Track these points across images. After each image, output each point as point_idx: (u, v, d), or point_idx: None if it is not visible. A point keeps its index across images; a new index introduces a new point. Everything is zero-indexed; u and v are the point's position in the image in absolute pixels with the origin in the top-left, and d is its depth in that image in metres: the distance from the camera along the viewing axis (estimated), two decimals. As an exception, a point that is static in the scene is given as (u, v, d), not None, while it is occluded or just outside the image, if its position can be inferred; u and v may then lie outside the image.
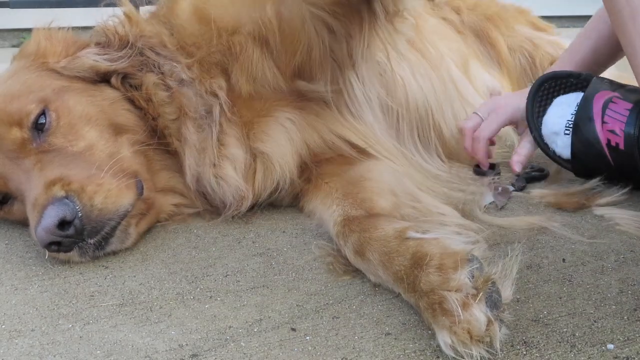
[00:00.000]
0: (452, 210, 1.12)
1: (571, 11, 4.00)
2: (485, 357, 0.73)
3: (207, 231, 1.20)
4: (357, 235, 0.97)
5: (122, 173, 1.09)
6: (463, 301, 0.74)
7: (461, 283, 0.76)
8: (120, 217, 1.08)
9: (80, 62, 1.20)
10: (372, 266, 0.93)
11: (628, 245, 1.03)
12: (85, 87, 1.19)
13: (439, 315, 0.76)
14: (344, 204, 1.10)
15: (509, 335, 0.77)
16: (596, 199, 1.19)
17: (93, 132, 1.14)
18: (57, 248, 1.03)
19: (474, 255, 0.81)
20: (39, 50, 1.22)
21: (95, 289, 0.99)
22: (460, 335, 0.72)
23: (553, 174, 1.34)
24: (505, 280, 0.79)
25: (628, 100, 1.15)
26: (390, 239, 0.92)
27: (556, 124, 1.26)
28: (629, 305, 0.84)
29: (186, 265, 1.06)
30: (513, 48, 1.79)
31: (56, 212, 1.00)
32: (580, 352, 0.75)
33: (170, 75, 1.19)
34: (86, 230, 1.03)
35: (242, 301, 0.93)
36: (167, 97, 1.19)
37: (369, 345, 0.79)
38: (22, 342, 0.85)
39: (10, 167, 1.11)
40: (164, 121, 1.20)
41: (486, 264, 0.81)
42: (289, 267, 1.03)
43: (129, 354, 0.81)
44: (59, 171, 1.06)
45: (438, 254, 0.82)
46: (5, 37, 3.67)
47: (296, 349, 0.80)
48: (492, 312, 0.74)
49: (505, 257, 0.83)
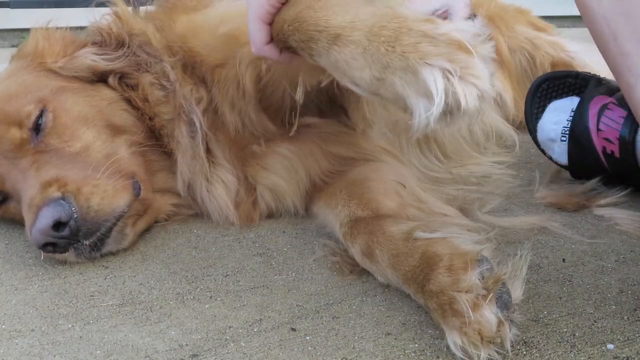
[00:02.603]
0: (455, 210, 1.12)
1: (571, 11, 3.99)
2: (495, 358, 0.73)
3: (207, 231, 1.20)
4: (365, 236, 0.97)
5: (119, 174, 1.09)
6: (473, 302, 0.74)
7: (471, 284, 0.76)
8: (116, 218, 1.08)
9: (78, 62, 1.20)
10: (380, 267, 0.92)
11: (628, 245, 1.03)
12: (83, 87, 1.19)
13: (449, 316, 0.75)
14: (350, 205, 1.09)
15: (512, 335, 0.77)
16: (596, 200, 1.19)
17: (90, 132, 1.13)
18: (53, 249, 1.03)
19: (484, 255, 0.80)
20: (37, 50, 1.22)
21: (95, 289, 0.99)
22: (471, 336, 0.72)
23: (553, 174, 1.34)
24: (515, 280, 0.79)
25: (624, 107, 1.15)
26: (398, 239, 0.91)
27: (552, 131, 1.26)
28: (629, 305, 0.84)
29: (186, 265, 1.06)
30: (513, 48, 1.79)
31: (51, 213, 1.00)
32: (580, 352, 0.75)
33: (163, 75, 1.19)
34: (81, 231, 1.03)
35: (242, 301, 0.93)
36: (162, 96, 1.19)
37: (369, 345, 0.79)
38: (22, 342, 0.85)
39: (7, 167, 1.11)
40: (160, 121, 1.20)
41: (496, 264, 0.81)
42: (289, 267, 1.03)
43: (129, 354, 0.81)
44: (55, 172, 1.06)
45: (447, 255, 0.82)
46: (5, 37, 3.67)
47: (296, 349, 0.80)
48: (502, 312, 0.74)
49: (514, 257, 0.82)
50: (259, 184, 1.21)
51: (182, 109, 1.18)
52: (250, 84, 1.12)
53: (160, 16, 1.28)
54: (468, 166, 1.39)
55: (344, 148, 1.23)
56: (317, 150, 1.21)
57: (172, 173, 1.22)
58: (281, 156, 1.20)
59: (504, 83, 1.72)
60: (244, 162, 1.21)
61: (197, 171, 1.18)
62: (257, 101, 1.15)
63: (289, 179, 1.20)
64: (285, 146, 1.20)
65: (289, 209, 1.23)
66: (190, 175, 1.19)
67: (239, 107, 1.17)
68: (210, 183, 1.19)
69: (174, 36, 1.23)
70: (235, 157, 1.21)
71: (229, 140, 1.20)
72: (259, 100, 1.15)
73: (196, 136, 1.18)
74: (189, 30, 1.23)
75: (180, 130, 1.18)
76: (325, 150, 1.22)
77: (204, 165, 1.18)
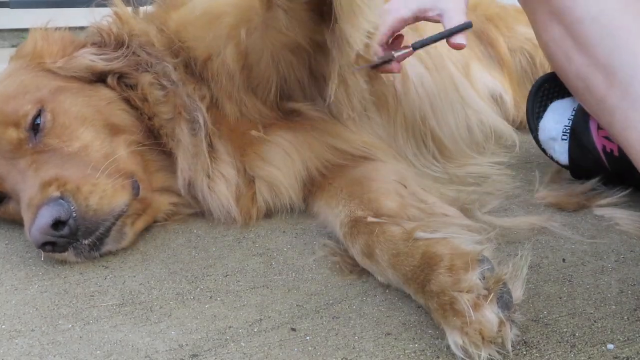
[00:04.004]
0: (456, 210, 1.12)
1: (571, 12, 3.98)
2: (495, 358, 0.73)
3: (207, 231, 1.20)
4: (365, 236, 0.97)
5: (118, 173, 1.09)
6: (474, 302, 0.74)
7: (472, 284, 0.76)
8: (115, 218, 1.08)
9: (77, 63, 1.20)
10: (381, 267, 0.92)
11: (628, 245, 1.03)
12: (82, 88, 1.19)
13: (450, 316, 0.75)
14: (350, 205, 1.09)
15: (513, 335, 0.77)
16: (596, 200, 1.19)
17: (89, 132, 1.13)
18: (52, 248, 1.03)
19: (485, 255, 0.80)
20: (36, 50, 1.22)
21: (95, 289, 0.99)
22: (472, 336, 0.72)
23: (553, 174, 1.34)
24: (516, 280, 0.79)
25: None
26: (398, 239, 0.91)
27: (553, 130, 1.27)
28: (629, 305, 0.84)
29: (186, 265, 1.06)
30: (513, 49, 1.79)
31: (50, 213, 1.00)
32: (580, 352, 0.75)
33: (164, 74, 1.19)
34: (81, 230, 1.03)
35: (242, 301, 0.93)
36: (162, 96, 1.19)
37: (369, 345, 0.79)
38: (22, 342, 0.85)
39: (6, 167, 1.11)
40: (159, 121, 1.20)
41: (496, 264, 0.81)
42: (289, 267, 1.03)
43: (129, 354, 0.81)
44: (54, 172, 1.06)
45: (448, 255, 0.82)
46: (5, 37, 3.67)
47: (296, 349, 0.80)
48: (503, 312, 0.74)
49: (515, 257, 0.82)
50: (256, 177, 1.21)
51: (183, 108, 1.18)
52: (233, 63, 1.14)
53: (159, 16, 1.29)
54: (467, 167, 1.39)
55: (337, 140, 1.23)
56: (312, 141, 1.21)
57: (171, 172, 1.22)
58: (278, 146, 1.20)
59: (504, 83, 1.73)
60: (242, 152, 1.21)
61: (199, 168, 1.18)
62: (245, 82, 1.17)
63: (286, 169, 1.20)
64: (282, 135, 1.20)
65: (285, 202, 1.22)
66: (191, 173, 1.19)
67: (234, 95, 1.18)
68: (212, 179, 1.19)
69: (172, 35, 1.24)
70: (235, 148, 1.21)
71: (230, 131, 1.21)
72: (246, 81, 1.17)
73: (198, 133, 1.18)
74: (180, 25, 1.24)
75: (181, 128, 1.18)
76: (320, 141, 1.22)
77: (205, 161, 1.18)
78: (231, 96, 1.19)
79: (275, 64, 1.12)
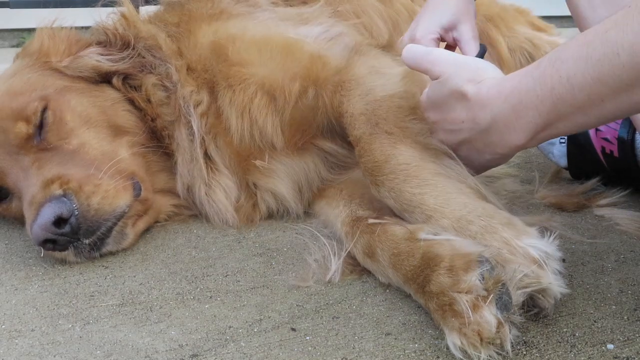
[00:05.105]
0: None
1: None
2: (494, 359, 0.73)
3: (207, 231, 1.20)
4: (367, 236, 0.97)
5: (120, 174, 1.09)
6: (473, 303, 0.74)
7: (472, 285, 0.76)
8: (116, 218, 1.08)
9: (83, 62, 1.20)
10: (381, 267, 0.93)
11: (628, 245, 1.03)
12: (87, 87, 1.20)
13: (449, 316, 0.75)
14: (351, 204, 1.09)
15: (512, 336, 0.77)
16: (596, 200, 1.19)
17: (92, 132, 1.14)
18: (52, 246, 1.03)
19: (485, 256, 0.80)
20: (42, 49, 1.22)
21: (95, 289, 0.99)
22: (471, 337, 0.72)
23: (553, 174, 1.34)
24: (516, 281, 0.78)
25: None
26: (400, 240, 0.91)
27: None
28: (629, 305, 0.84)
29: (186, 265, 1.06)
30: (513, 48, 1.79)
31: (53, 209, 1.00)
32: (580, 352, 0.75)
33: (167, 76, 1.19)
34: (82, 229, 1.03)
35: (242, 301, 0.93)
36: (165, 97, 1.19)
37: (369, 345, 0.79)
38: (22, 342, 0.85)
39: (9, 163, 1.11)
40: (162, 122, 1.20)
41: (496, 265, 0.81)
42: (289, 267, 1.03)
43: (129, 354, 0.80)
44: (57, 170, 1.06)
45: (448, 256, 0.81)
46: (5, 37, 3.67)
47: (296, 349, 0.80)
48: (502, 314, 0.74)
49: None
50: (259, 189, 1.21)
51: (181, 111, 1.18)
52: (293, 97, 1.15)
53: (172, 21, 1.27)
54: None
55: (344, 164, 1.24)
56: (318, 162, 1.22)
57: (173, 174, 1.22)
58: (283, 165, 1.20)
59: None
60: (245, 170, 1.21)
61: (196, 175, 1.19)
62: (291, 119, 1.16)
63: (291, 185, 1.21)
64: (288, 157, 1.20)
65: (289, 211, 1.23)
66: (190, 179, 1.19)
67: (254, 116, 1.16)
68: (209, 187, 1.19)
69: (199, 52, 1.21)
70: (237, 166, 1.21)
71: (231, 148, 1.20)
72: (291, 118, 1.16)
73: (194, 139, 1.18)
74: (217, 45, 1.20)
75: (180, 132, 1.19)
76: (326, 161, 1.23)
77: (202, 169, 1.18)
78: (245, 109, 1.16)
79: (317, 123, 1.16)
